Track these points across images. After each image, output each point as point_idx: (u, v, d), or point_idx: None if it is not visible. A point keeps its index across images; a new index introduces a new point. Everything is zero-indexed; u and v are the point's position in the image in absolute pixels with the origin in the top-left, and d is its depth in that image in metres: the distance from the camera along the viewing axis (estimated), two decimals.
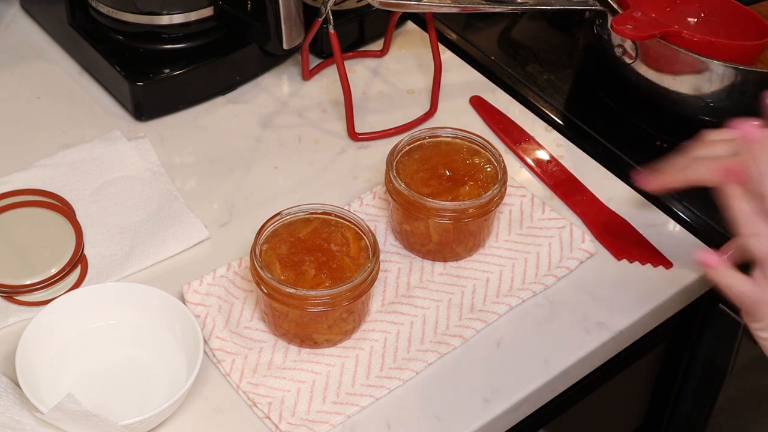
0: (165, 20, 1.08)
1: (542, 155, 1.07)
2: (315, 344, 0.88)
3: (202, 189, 1.02)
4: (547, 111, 1.14)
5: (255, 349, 0.87)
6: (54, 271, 0.91)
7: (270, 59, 1.14)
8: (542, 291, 0.93)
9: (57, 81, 1.13)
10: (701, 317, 1.06)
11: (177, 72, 1.08)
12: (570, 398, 0.95)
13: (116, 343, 0.87)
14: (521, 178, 1.04)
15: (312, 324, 0.86)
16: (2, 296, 0.90)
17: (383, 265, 0.94)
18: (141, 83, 1.06)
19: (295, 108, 1.12)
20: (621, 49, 1.08)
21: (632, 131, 1.12)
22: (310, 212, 0.90)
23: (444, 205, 0.91)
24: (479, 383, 0.86)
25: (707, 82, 1.04)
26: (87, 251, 0.94)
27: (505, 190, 0.94)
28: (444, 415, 0.84)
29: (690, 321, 1.05)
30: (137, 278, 0.93)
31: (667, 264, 0.96)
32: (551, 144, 1.09)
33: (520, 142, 1.08)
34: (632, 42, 1.06)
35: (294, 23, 1.05)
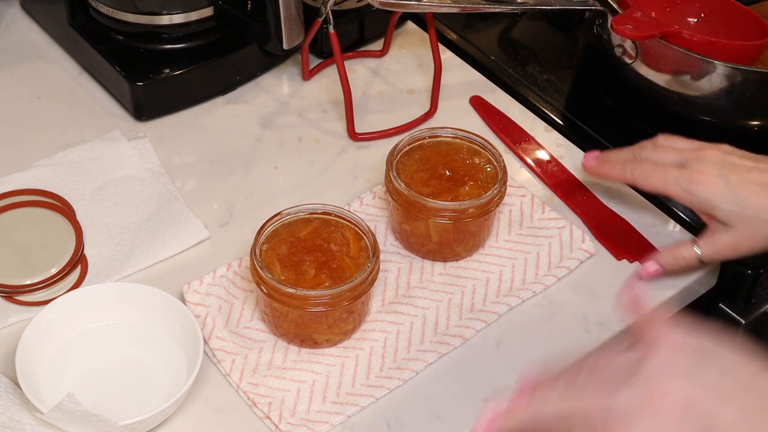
0: (165, 20, 1.08)
1: (542, 155, 1.07)
2: (315, 344, 0.88)
3: (202, 189, 1.02)
4: (547, 111, 1.14)
5: (255, 349, 0.87)
6: (54, 271, 0.91)
7: (270, 59, 1.14)
8: (542, 291, 0.93)
9: (57, 81, 1.13)
10: (701, 317, 1.05)
11: (177, 72, 1.08)
12: None
13: (116, 343, 0.87)
14: (521, 178, 1.04)
15: (312, 324, 0.86)
16: (2, 296, 0.90)
17: (383, 265, 0.94)
18: (141, 83, 1.06)
19: (295, 108, 1.12)
20: (621, 49, 1.08)
21: (632, 131, 1.11)
22: (310, 212, 0.90)
23: (444, 205, 0.91)
24: (479, 383, 0.86)
25: (707, 82, 1.04)
26: (87, 251, 0.94)
27: (505, 190, 0.94)
28: (444, 415, 0.84)
29: (690, 321, 1.05)
30: (137, 278, 0.93)
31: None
32: (551, 144, 1.09)
33: (520, 142, 1.08)
34: (632, 42, 1.06)
35: (294, 23, 1.05)
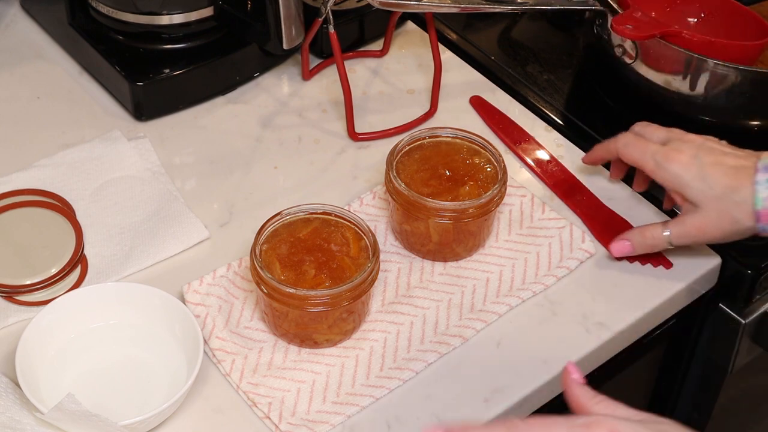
0: (165, 20, 1.08)
1: (542, 155, 1.07)
2: (315, 344, 0.88)
3: (202, 189, 1.02)
4: (547, 111, 1.14)
5: (255, 349, 0.87)
6: (54, 271, 0.91)
7: (270, 59, 1.14)
8: (542, 291, 0.93)
9: (57, 81, 1.13)
10: (701, 317, 1.06)
11: (177, 72, 1.08)
12: None
13: (116, 343, 0.87)
14: (521, 178, 1.04)
15: (312, 324, 0.86)
16: (2, 296, 0.90)
17: (383, 265, 0.94)
18: (141, 83, 1.06)
19: (295, 108, 1.12)
20: (621, 49, 1.08)
21: None
22: (310, 212, 0.90)
23: (444, 205, 0.91)
24: (479, 383, 0.86)
25: (707, 82, 1.03)
26: (87, 251, 0.94)
27: (505, 190, 0.94)
28: (444, 415, 0.84)
29: (690, 321, 1.05)
30: (137, 278, 0.93)
31: (667, 264, 0.96)
32: (551, 144, 1.09)
33: (520, 142, 1.08)
34: (632, 42, 1.06)
35: (294, 23, 1.05)
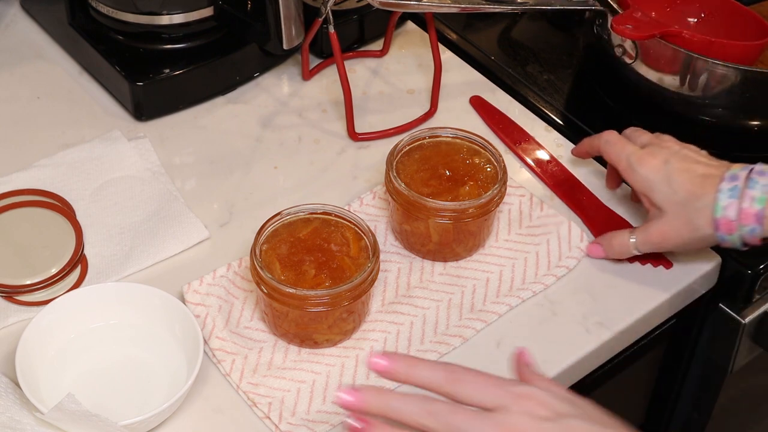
0: (165, 20, 1.07)
1: (542, 155, 1.07)
2: (315, 344, 0.88)
3: (202, 189, 1.02)
4: (547, 111, 1.14)
5: (255, 349, 0.87)
6: (54, 271, 0.91)
7: (270, 59, 1.14)
8: (542, 291, 0.93)
9: (57, 81, 1.13)
10: (701, 317, 1.06)
11: (177, 72, 1.08)
12: None
13: (116, 343, 0.87)
14: (521, 178, 1.04)
15: (312, 324, 0.86)
16: (2, 296, 0.90)
17: (383, 265, 0.94)
18: (141, 83, 1.06)
19: (295, 108, 1.12)
20: (621, 49, 1.08)
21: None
22: (310, 212, 0.90)
23: (444, 205, 0.91)
24: None
25: (707, 82, 1.03)
26: (87, 251, 0.94)
27: (505, 190, 0.94)
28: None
29: (690, 321, 1.05)
30: (137, 278, 0.93)
31: (667, 264, 0.96)
32: (551, 144, 1.09)
33: (520, 142, 1.08)
34: (632, 42, 1.06)
35: (294, 23, 1.05)
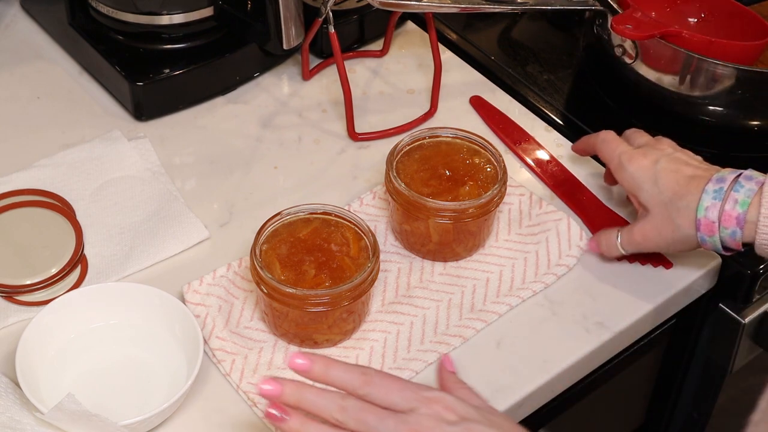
0: (165, 20, 1.07)
1: (542, 155, 1.07)
2: (315, 344, 0.88)
3: (202, 189, 1.02)
4: (547, 111, 1.14)
5: (255, 349, 0.87)
6: (54, 271, 0.91)
7: (270, 59, 1.14)
8: (542, 290, 0.93)
9: (57, 81, 1.13)
10: (701, 317, 1.06)
11: (177, 72, 1.08)
12: (570, 398, 0.95)
13: (116, 343, 0.87)
14: (521, 178, 1.04)
15: (312, 324, 0.86)
16: (2, 296, 0.90)
17: (383, 265, 0.94)
18: (141, 83, 1.06)
19: (295, 108, 1.12)
20: (621, 49, 1.08)
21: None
22: (310, 212, 0.90)
23: (444, 205, 0.91)
24: (479, 383, 0.86)
25: (707, 82, 1.03)
26: (87, 251, 0.94)
27: (505, 190, 0.94)
28: None
29: (690, 321, 1.05)
30: (137, 278, 0.93)
31: (667, 264, 0.96)
32: (551, 144, 1.09)
33: (520, 142, 1.08)
34: (632, 42, 1.06)
35: (294, 23, 1.05)
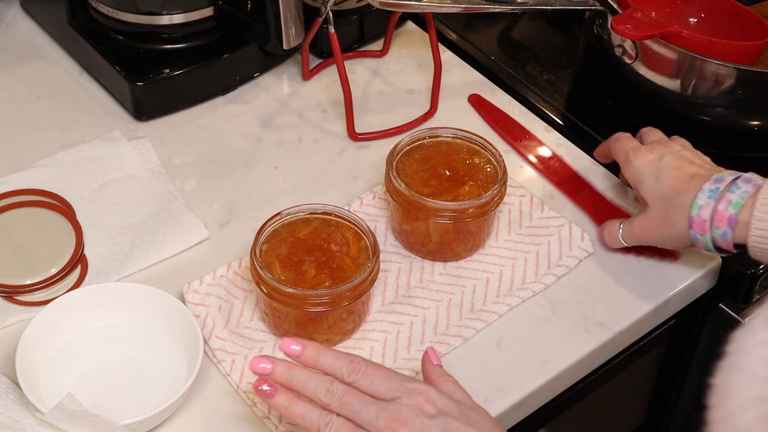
0: (165, 20, 1.08)
1: (544, 152, 1.07)
2: None
3: (202, 189, 1.02)
4: (547, 111, 1.14)
5: (255, 349, 0.87)
6: (54, 271, 0.91)
7: (270, 59, 1.14)
8: (542, 290, 0.93)
9: (57, 81, 1.13)
10: (701, 317, 1.06)
11: (177, 72, 1.08)
12: (570, 398, 0.95)
13: (116, 343, 0.87)
14: (523, 176, 1.04)
15: (312, 324, 0.86)
16: (2, 296, 0.90)
17: (383, 265, 0.94)
18: (141, 83, 1.06)
19: (295, 108, 1.12)
20: (621, 49, 1.08)
21: (632, 131, 1.11)
22: (310, 212, 0.90)
23: (444, 205, 0.91)
24: (479, 383, 0.86)
25: (707, 82, 1.03)
26: (87, 251, 0.94)
27: (505, 190, 0.94)
28: None
29: (690, 321, 1.05)
30: (137, 278, 0.93)
31: (675, 256, 0.96)
32: (551, 144, 1.09)
33: (521, 139, 1.08)
34: (632, 42, 1.06)
35: (294, 23, 1.05)
